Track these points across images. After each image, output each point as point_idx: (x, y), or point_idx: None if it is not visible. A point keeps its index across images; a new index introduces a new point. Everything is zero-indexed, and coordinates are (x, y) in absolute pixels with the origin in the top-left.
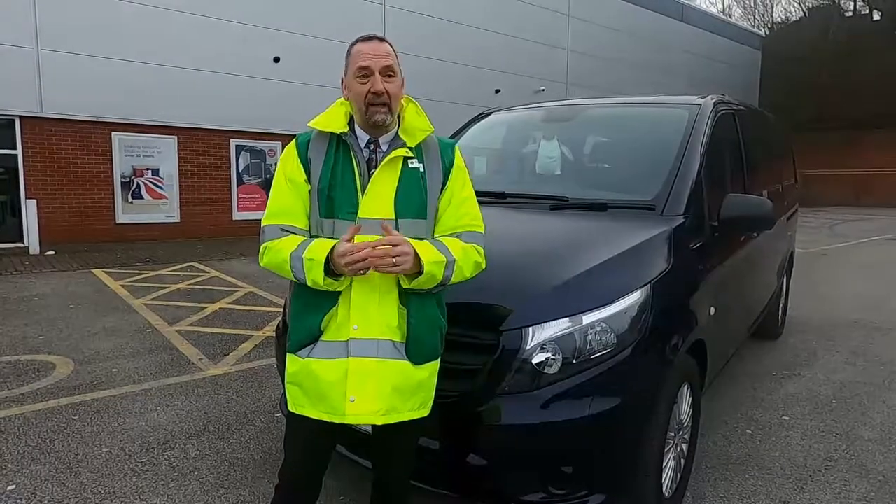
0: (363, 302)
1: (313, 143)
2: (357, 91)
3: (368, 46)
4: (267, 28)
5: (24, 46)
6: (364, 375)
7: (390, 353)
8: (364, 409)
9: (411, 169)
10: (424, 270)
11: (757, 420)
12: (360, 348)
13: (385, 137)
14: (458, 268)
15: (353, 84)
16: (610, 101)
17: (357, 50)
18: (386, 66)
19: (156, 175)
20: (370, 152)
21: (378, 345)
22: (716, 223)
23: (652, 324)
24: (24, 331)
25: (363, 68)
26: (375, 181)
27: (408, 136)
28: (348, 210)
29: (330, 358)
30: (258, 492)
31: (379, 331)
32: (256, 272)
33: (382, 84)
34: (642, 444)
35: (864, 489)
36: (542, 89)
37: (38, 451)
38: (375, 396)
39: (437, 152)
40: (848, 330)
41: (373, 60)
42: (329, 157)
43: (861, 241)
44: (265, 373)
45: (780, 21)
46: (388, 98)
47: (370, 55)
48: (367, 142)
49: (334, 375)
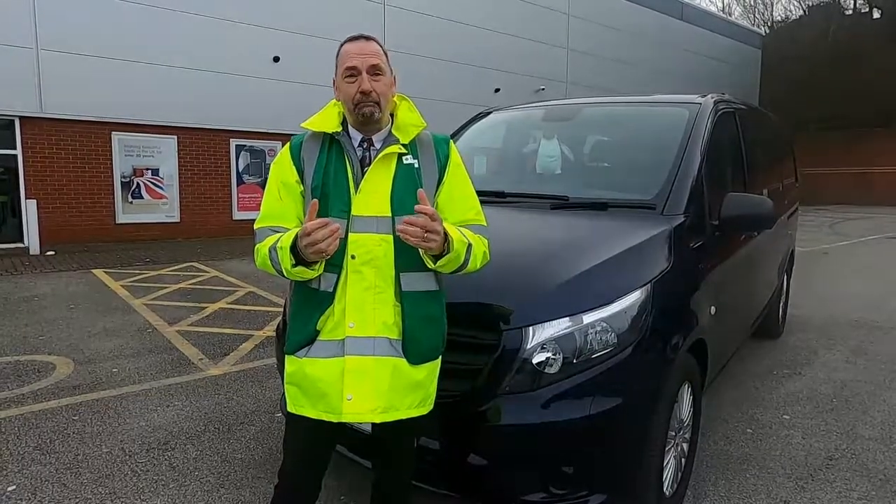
0: (359, 299)
1: (306, 144)
2: (346, 91)
3: (355, 46)
4: (267, 28)
5: (23, 46)
6: (360, 373)
7: (386, 351)
8: (361, 407)
9: (406, 165)
10: (454, 248)
11: (758, 419)
12: (356, 346)
13: (378, 136)
14: (474, 255)
15: (343, 85)
16: (610, 101)
17: (344, 50)
18: (373, 66)
19: (156, 175)
20: (363, 151)
21: (374, 342)
22: (716, 222)
23: (652, 323)
24: (24, 331)
25: (350, 68)
26: (369, 179)
27: (401, 133)
28: (340, 208)
29: (326, 357)
30: (259, 492)
31: (375, 328)
32: (256, 272)
33: (370, 83)
34: (643, 443)
35: (866, 488)
36: (542, 88)
37: (39, 452)
38: (372, 394)
39: (431, 147)
40: (848, 329)
41: (359, 60)
42: (322, 156)
43: (861, 240)
44: (265, 373)
45: (780, 20)
46: (377, 96)
47: (357, 55)
48: (361, 141)
49: (331, 374)
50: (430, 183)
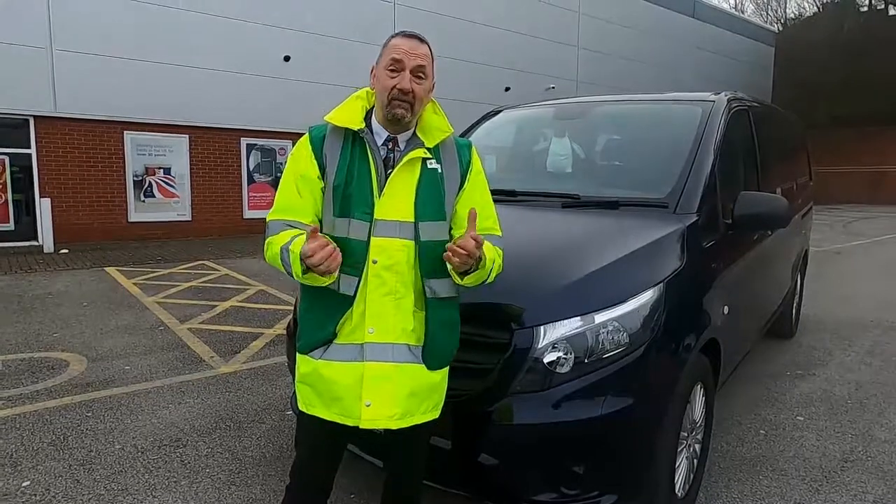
0: (379, 305)
1: (329, 139)
2: (384, 83)
3: (407, 42)
4: (277, 27)
5: (38, 46)
6: (380, 380)
7: (405, 357)
8: (380, 413)
9: (430, 170)
10: (486, 266)
11: (771, 420)
12: (375, 352)
13: (403, 136)
14: (492, 268)
15: (383, 75)
16: (622, 99)
17: (395, 43)
18: (419, 66)
19: (167, 174)
20: (388, 151)
21: (394, 349)
22: (729, 221)
23: (665, 323)
24: (38, 328)
25: (396, 61)
26: (393, 182)
27: (426, 136)
28: (364, 210)
29: (345, 360)
30: (269, 489)
31: (394, 335)
32: (267, 270)
33: (411, 83)
34: (655, 444)
35: (881, 491)
36: (553, 87)
37: (52, 448)
38: (392, 401)
39: (454, 152)
40: (863, 329)
41: (407, 57)
42: (345, 154)
43: (876, 240)
44: (276, 371)
45: (793, 17)
46: (413, 98)
47: (405, 51)
48: (385, 140)
49: (349, 379)
50: (452, 188)
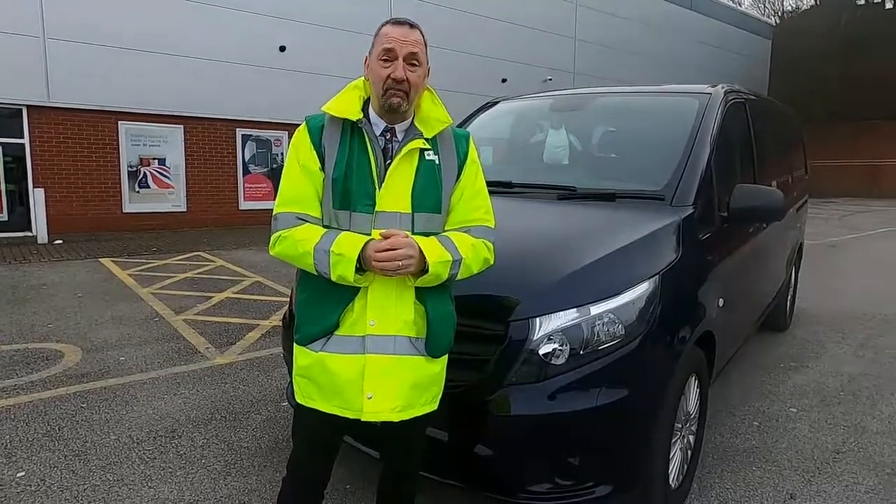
0: (381, 298)
1: (327, 130)
2: (378, 73)
3: (398, 30)
4: (272, 17)
5: (30, 35)
6: (382, 373)
7: (407, 350)
8: (381, 406)
9: (428, 161)
10: (430, 271)
11: (764, 412)
12: (377, 345)
13: (401, 126)
14: (466, 266)
15: (375, 65)
16: (619, 91)
17: (385, 31)
18: (411, 53)
19: (162, 164)
20: (386, 141)
21: (395, 341)
22: (725, 214)
23: (660, 315)
24: (32, 319)
25: (388, 50)
26: (393, 173)
27: (424, 126)
28: (366, 202)
29: (345, 353)
30: (265, 479)
31: (396, 327)
32: (263, 261)
33: (405, 71)
34: (649, 435)
35: (873, 482)
36: (550, 79)
37: (48, 439)
38: (394, 394)
39: (451, 143)
40: (856, 322)
41: (399, 45)
42: (344, 145)
43: (871, 233)
44: (271, 362)
45: (790, 10)
46: (408, 86)
47: (397, 39)
48: (383, 130)
49: (351, 372)
50: (449, 179)
